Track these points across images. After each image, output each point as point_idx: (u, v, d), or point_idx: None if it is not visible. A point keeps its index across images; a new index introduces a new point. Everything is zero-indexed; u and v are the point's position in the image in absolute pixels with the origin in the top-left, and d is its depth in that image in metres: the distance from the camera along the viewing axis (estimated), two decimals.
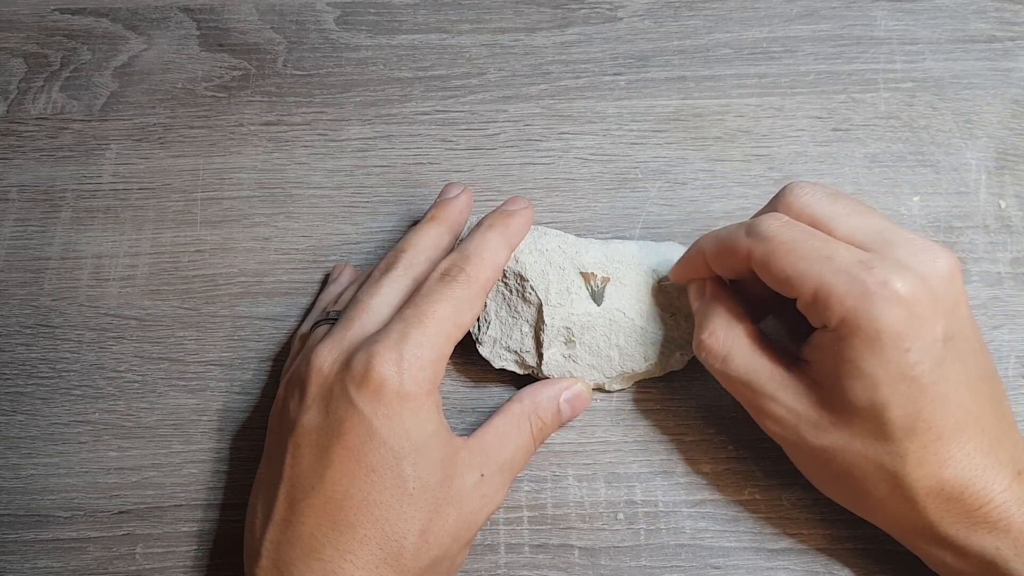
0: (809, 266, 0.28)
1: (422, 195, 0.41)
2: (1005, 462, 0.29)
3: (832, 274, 0.28)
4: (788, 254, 0.29)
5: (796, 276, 0.29)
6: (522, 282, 0.35)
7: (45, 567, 0.34)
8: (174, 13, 0.45)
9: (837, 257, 0.28)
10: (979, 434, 0.28)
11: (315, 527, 0.29)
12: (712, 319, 0.32)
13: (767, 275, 0.30)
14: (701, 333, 0.32)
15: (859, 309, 0.27)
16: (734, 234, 0.31)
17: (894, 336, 0.27)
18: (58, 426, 0.37)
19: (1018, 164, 0.41)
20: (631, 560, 0.34)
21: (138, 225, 0.40)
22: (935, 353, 0.28)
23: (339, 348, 0.31)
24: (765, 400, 0.31)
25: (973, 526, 0.28)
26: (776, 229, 0.30)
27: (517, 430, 0.33)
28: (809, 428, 0.30)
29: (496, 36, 0.44)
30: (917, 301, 0.27)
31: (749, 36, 0.44)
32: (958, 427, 0.28)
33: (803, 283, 0.28)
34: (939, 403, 0.28)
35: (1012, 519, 0.28)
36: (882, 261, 0.28)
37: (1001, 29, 0.44)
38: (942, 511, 0.29)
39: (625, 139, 0.42)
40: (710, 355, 0.32)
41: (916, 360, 0.27)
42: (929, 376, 0.28)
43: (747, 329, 0.32)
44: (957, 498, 0.28)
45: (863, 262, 0.28)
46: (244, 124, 0.42)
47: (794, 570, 0.34)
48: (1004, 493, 0.28)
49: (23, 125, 0.42)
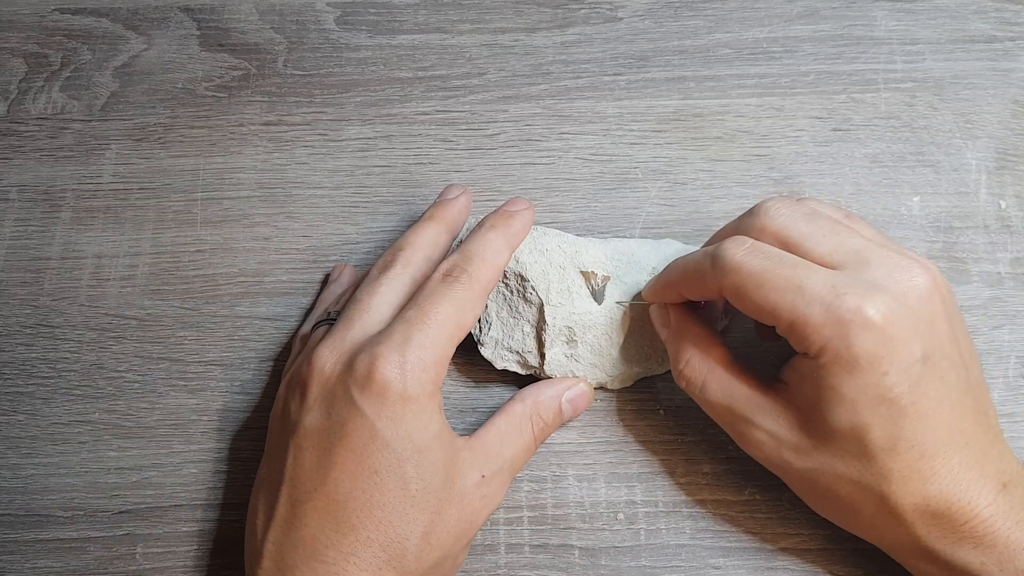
0: (781, 297, 0.28)
1: (422, 195, 0.41)
2: (990, 475, 0.29)
3: (805, 305, 0.28)
4: (758, 288, 0.29)
5: (769, 309, 0.29)
6: (523, 282, 0.35)
7: (45, 567, 0.34)
8: (174, 13, 0.45)
9: (808, 286, 0.28)
10: (963, 448, 0.28)
11: (318, 529, 0.29)
12: (685, 348, 0.32)
13: (741, 306, 0.30)
14: (678, 363, 0.32)
15: (835, 338, 0.27)
16: (700, 266, 0.31)
17: (871, 360, 0.27)
18: (58, 426, 0.37)
19: (1018, 164, 0.41)
20: (631, 560, 0.34)
21: (138, 225, 0.40)
22: (913, 373, 0.28)
23: (340, 349, 0.31)
24: (745, 425, 0.31)
25: (959, 541, 0.28)
26: (741, 259, 0.29)
27: (518, 430, 0.33)
28: (791, 452, 0.30)
29: (496, 36, 0.44)
30: (892, 323, 0.27)
31: (749, 36, 0.44)
32: (941, 444, 0.28)
33: (778, 315, 0.28)
34: (919, 422, 0.28)
35: (997, 534, 0.28)
36: (854, 285, 0.28)
37: (1001, 29, 0.44)
38: (928, 527, 0.29)
39: (625, 139, 0.42)
40: (688, 383, 0.32)
41: (894, 382, 0.27)
42: (908, 396, 0.28)
43: (721, 355, 0.32)
44: (943, 514, 0.28)
45: (835, 287, 0.28)
46: (244, 124, 0.42)
47: (794, 570, 0.34)
48: (989, 507, 0.28)
49: (23, 125, 0.42)
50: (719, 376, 0.31)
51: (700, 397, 0.32)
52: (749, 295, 0.29)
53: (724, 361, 0.32)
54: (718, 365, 0.32)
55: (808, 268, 0.29)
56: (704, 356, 0.32)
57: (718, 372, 0.31)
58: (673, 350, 0.33)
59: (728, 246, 0.30)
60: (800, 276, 0.28)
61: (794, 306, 0.28)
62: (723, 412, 0.32)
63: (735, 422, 0.31)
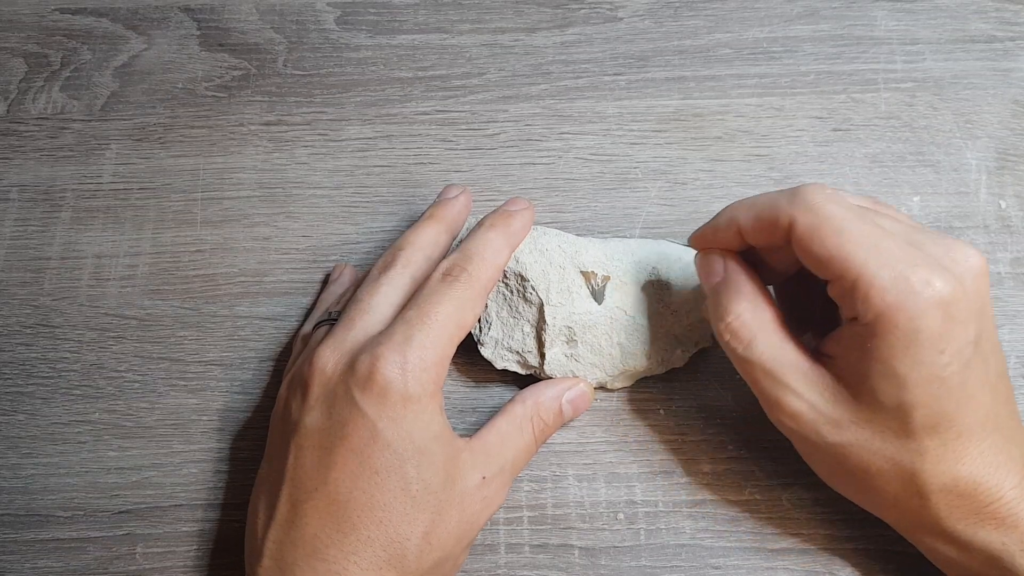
0: (855, 251, 0.27)
1: (422, 195, 0.41)
2: (1017, 459, 0.29)
3: (878, 265, 0.27)
4: (836, 233, 0.27)
5: (840, 259, 0.27)
6: (523, 282, 0.35)
7: (45, 567, 0.34)
8: (174, 13, 0.45)
9: (885, 247, 0.27)
10: (995, 431, 0.29)
11: (318, 528, 0.29)
12: (737, 300, 0.30)
13: (806, 251, 0.28)
14: (726, 315, 0.30)
15: (899, 306, 0.27)
16: (775, 201, 0.29)
17: (932, 338, 0.27)
18: (58, 426, 0.37)
19: (1018, 164, 0.41)
20: (631, 560, 0.34)
21: (138, 225, 0.40)
22: (966, 355, 0.27)
23: (341, 349, 0.31)
24: (785, 392, 0.30)
25: (980, 522, 0.29)
26: (824, 201, 0.28)
27: (519, 431, 0.33)
28: (827, 425, 0.29)
29: (496, 36, 0.44)
30: (955, 302, 0.27)
31: (749, 36, 0.44)
32: (978, 425, 0.28)
33: (846, 268, 0.27)
34: (964, 403, 0.28)
35: (1019, 516, 0.28)
36: (926, 259, 0.27)
37: (1001, 29, 0.44)
38: (951, 507, 0.29)
39: (625, 139, 0.42)
40: (735, 338, 0.30)
41: (947, 362, 0.27)
42: (958, 377, 0.27)
43: (774, 314, 0.30)
44: (969, 494, 0.28)
45: (910, 256, 0.27)
46: (244, 124, 0.42)
47: (794, 570, 0.34)
48: (1014, 490, 0.28)
49: (23, 125, 0.42)
50: (769, 335, 0.30)
51: (743, 354, 0.30)
52: (823, 240, 0.28)
53: (776, 321, 0.30)
54: (770, 323, 0.30)
55: (886, 230, 0.28)
56: (758, 311, 0.30)
57: (768, 331, 0.30)
58: (723, 301, 0.31)
59: (810, 187, 0.29)
60: (879, 235, 0.27)
61: (866, 263, 0.27)
62: (763, 375, 0.30)
63: (774, 387, 0.30)
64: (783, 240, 0.29)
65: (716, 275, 0.32)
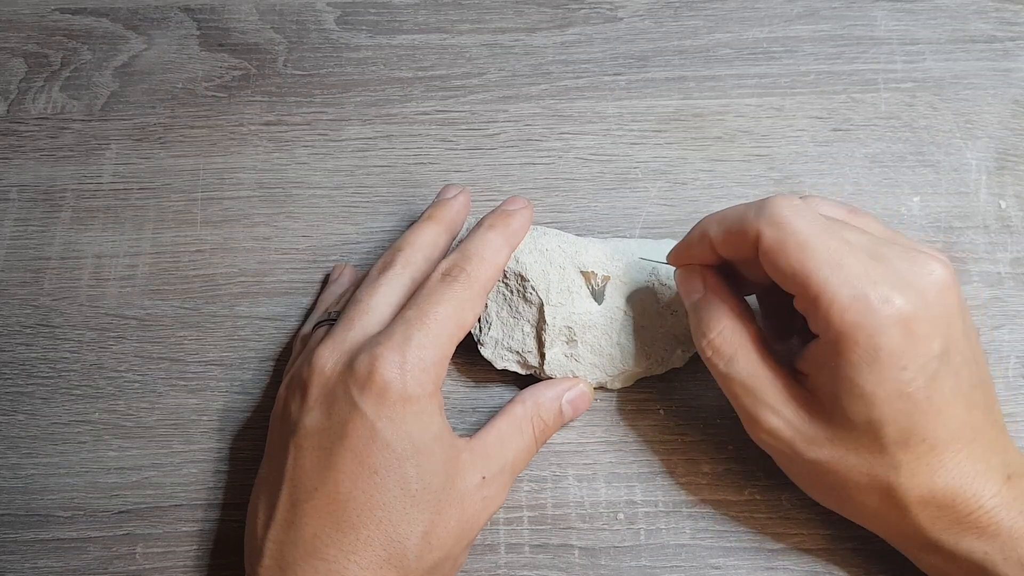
0: (817, 268, 0.27)
1: (422, 195, 0.41)
2: (996, 467, 0.29)
3: (838, 283, 0.27)
4: (799, 249, 0.28)
5: (803, 276, 0.28)
6: (523, 282, 0.35)
7: (45, 567, 0.34)
8: (174, 13, 0.45)
9: (847, 265, 0.27)
10: (971, 442, 0.29)
11: (318, 528, 0.29)
12: (719, 317, 0.31)
13: (771, 265, 0.29)
14: (709, 332, 0.31)
15: (859, 324, 0.27)
16: (742, 215, 0.29)
17: (891, 355, 0.27)
18: (58, 426, 0.37)
19: (1018, 164, 0.41)
20: (631, 560, 0.34)
21: (138, 225, 0.40)
22: (930, 369, 0.28)
23: (340, 349, 0.31)
24: (763, 409, 0.30)
25: (963, 531, 0.29)
26: (789, 215, 0.28)
27: (519, 432, 0.33)
28: (804, 442, 0.30)
29: (496, 36, 0.44)
30: (915, 318, 0.27)
31: (749, 36, 0.44)
32: (951, 437, 0.28)
33: (807, 285, 0.28)
34: (933, 416, 0.28)
35: (1000, 524, 0.28)
36: (887, 276, 0.27)
37: (1001, 29, 0.44)
38: (933, 518, 0.29)
39: (625, 139, 0.42)
40: (716, 354, 0.31)
41: (911, 377, 0.27)
42: (924, 392, 0.28)
43: (755, 332, 0.31)
44: (948, 505, 0.28)
45: (870, 274, 0.27)
46: (244, 124, 0.42)
47: (794, 570, 0.34)
48: (994, 499, 0.28)
49: (23, 125, 0.42)
50: (749, 352, 0.30)
51: (724, 371, 0.31)
52: (787, 254, 0.28)
53: (756, 338, 0.31)
54: (750, 341, 0.30)
55: (851, 247, 0.28)
56: (738, 328, 0.31)
57: (749, 348, 0.30)
58: (704, 318, 0.31)
59: (776, 200, 0.29)
60: (842, 252, 0.27)
61: (827, 280, 0.27)
62: (742, 391, 0.30)
63: (753, 404, 0.30)
64: (753, 253, 0.29)
65: (696, 292, 0.32)
